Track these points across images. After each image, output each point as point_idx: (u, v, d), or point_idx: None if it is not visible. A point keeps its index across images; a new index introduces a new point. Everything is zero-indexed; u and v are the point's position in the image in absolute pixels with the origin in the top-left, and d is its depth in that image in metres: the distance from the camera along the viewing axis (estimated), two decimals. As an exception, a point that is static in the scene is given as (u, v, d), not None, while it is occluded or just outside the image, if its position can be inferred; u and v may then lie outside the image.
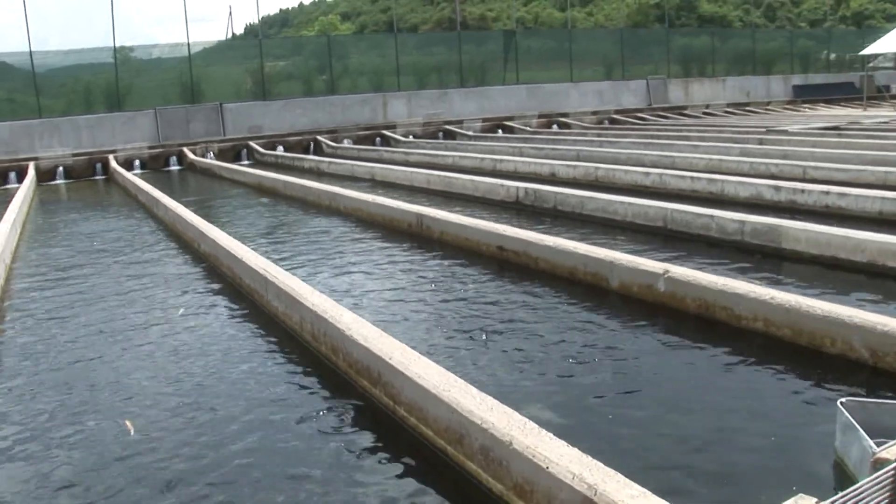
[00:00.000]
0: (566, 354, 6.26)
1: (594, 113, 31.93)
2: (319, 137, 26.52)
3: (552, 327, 6.94)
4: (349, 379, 5.81)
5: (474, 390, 4.59)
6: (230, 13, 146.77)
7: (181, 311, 8.16)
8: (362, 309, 7.61)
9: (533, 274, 8.75)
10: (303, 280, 7.66)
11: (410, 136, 27.16)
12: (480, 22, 68.20)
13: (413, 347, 5.56)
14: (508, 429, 4.05)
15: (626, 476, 3.54)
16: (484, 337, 6.75)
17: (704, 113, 33.50)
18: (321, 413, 5.39)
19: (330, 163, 21.21)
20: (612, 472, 3.58)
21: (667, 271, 7.20)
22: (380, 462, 4.67)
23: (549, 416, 5.09)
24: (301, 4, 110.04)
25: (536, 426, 4.07)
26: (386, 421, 5.15)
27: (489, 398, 4.46)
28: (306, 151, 25.70)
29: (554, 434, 3.99)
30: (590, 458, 3.72)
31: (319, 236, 11.87)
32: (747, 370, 5.83)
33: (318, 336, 6.45)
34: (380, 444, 4.90)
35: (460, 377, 4.85)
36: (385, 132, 27.53)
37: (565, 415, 5.15)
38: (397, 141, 26.51)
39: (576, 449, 3.81)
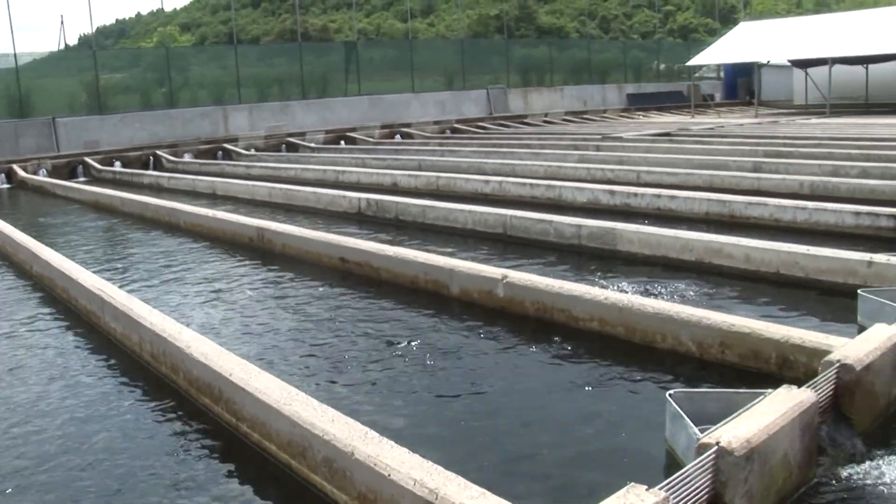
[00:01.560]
0: (408, 362, 6.31)
1: (436, 123, 32.23)
2: (159, 152, 25.77)
3: (395, 336, 6.98)
4: (190, 397, 5.70)
5: (315, 402, 4.59)
6: (62, 22, 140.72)
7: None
8: (204, 326, 7.48)
9: (376, 284, 8.78)
10: (141, 300, 7.46)
11: (252, 150, 26.75)
12: (322, 33, 67.92)
13: (256, 363, 5.51)
14: (350, 439, 4.06)
15: (466, 478, 3.62)
16: (335, 350, 6.74)
17: (544, 121, 34.30)
18: (161, 434, 5.26)
19: (170, 178, 20.68)
20: (452, 475, 3.65)
21: (505, 276, 7.35)
22: (223, 480, 4.60)
23: (394, 422, 5.14)
24: (139, 15, 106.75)
25: (378, 435, 4.10)
26: (229, 438, 5.08)
27: (330, 410, 4.47)
28: (146, 167, 24.92)
29: (398, 441, 4.05)
30: (430, 463, 3.77)
31: (159, 254, 11.56)
32: (584, 368, 6.02)
33: (157, 356, 6.30)
34: (223, 462, 4.83)
35: (303, 391, 4.85)
36: (227, 146, 27.01)
37: (411, 422, 5.21)
38: (239, 154, 26.07)
39: (417, 455, 3.87)
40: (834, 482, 4.19)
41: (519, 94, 38.47)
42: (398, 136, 30.20)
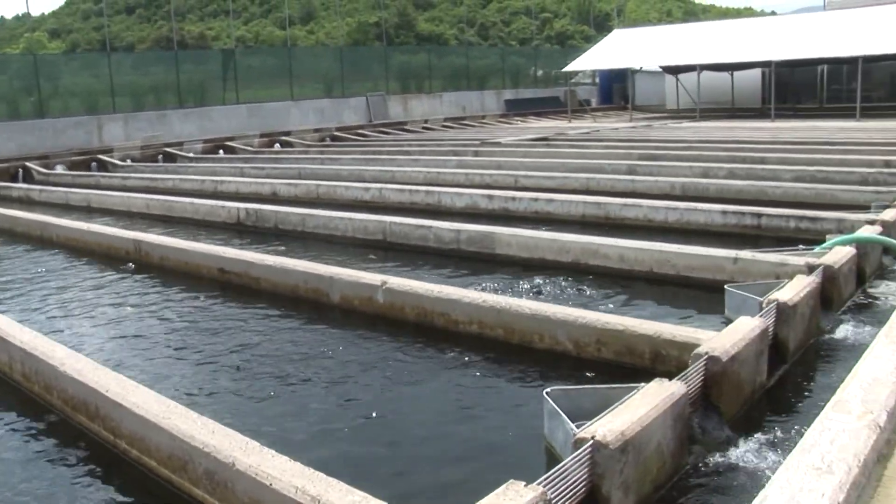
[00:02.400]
0: (289, 372, 6.27)
1: (316, 130, 32.01)
2: (29, 164, 24.81)
3: (275, 346, 6.93)
4: (66, 416, 5.53)
5: (195, 415, 4.52)
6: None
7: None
8: (79, 343, 7.26)
9: (256, 294, 8.69)
10: (11, 318, 7.20)
11: (129, 160, 26.04)
12: (200, 41, 66.87)
13: (134, 378, 5.39)
14: (231, 450, 4.02)
15: (348, 483, 3.63)
16: (232, 365, 6.64)
17: (424, 127, 34.44)
18: (35, 457, 5.10)
19: (41, 190, 19.98)
20: (334, 481, 3.66)
21: (385, 283, 7.38)
22: (102, 501, 4.48)
23: (275, 430, 5.10)
24: (3, 19, 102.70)
25: (259, 445, 4.08)
26: (107, 456, 4.95)
27: (211, 422, 4.41)
28: (14, 179, 23.96)
29: (280, 450, 4.03)
30: (312, 470, 3.77)
31: (30, 269, 11.16)
32: (464, 371, 6.09)
33: (29, 375, 6.09)
34: (102, 482, 4.70)
35: (183, 404, 4.76)
36: (101, 157, 26.20)
37: (292, 430, 5.19)
38: (115, 165, 25.35)
39: (298, 463, 3.86)
40: (705, 468, 4.36)
41: (398, 101, 38.54)
42: (278, 144, 29.86)
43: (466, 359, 6.30)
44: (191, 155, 26.95)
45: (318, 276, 8.07)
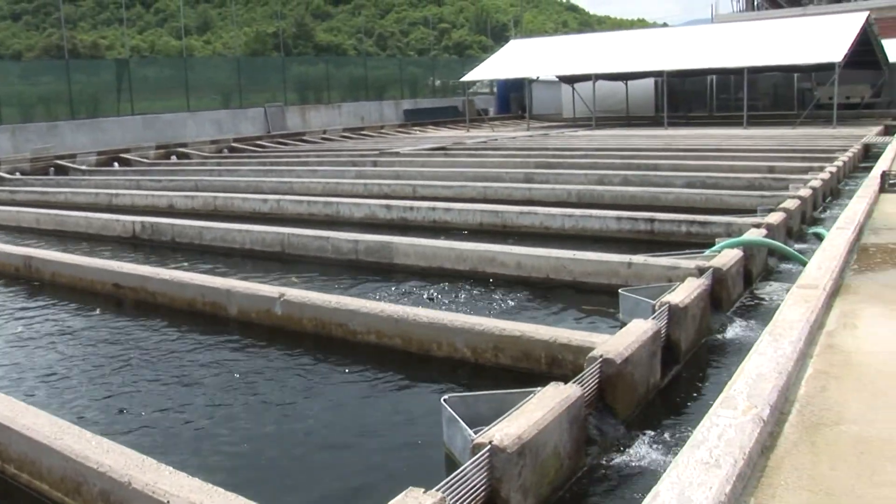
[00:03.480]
0: (187, 387, 6.19)
1: (213, 142, 31.56)
2: None
3: (172, 361, 6.81)
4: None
5: (89, 434, 4.42)
6: None
7: None
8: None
9: (153, 309, 8.52)
10: None
11: (18, 174, 25.25)
12: (93, 50, 65.30)
13: (25, 399, 5.24)
14: (126, 469, 3.95)
15: (246, 497, 3.61)
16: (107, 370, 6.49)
17: (322, 138, 34.29)
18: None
19: (-78, 207, 19.23)
20: (232, 496, 3.63)
21: (282, 295, 7.34)
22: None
23: (174, 447, 5.03)
24: None
25: (155, 462, 4.01)
26: (-6, 482, 4.79)
27: (105, 440, 4.32)
28: None
29: (178, 467, 3.97)
30: (210, 485, 3.74)
31: None
32: (363, 381, 6.10)
33: None
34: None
35: (77, 425, 4.65)
36: (-13, 170, 25.40)
37: (190, 446, 5.12)
38: (2, 179, 24.57)
39: (196, 479, 3.81)
40: (602, 468, 4.46)
41: (297, 112, 38.31)
42: (174, 156, 29.35)
43: (365, 369, 6.31)
44: (84, 167, 26.26)
45: (215, 290, 7.96)
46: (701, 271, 7.20)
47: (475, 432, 4.08)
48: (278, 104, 37.46)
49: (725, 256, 7.55)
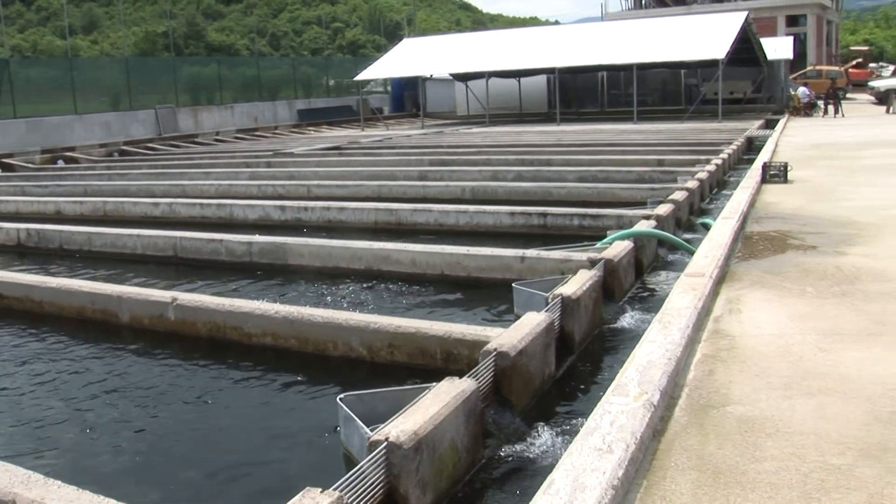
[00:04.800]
0: (77, 397, 6.03)
1: (102, 145, 30.73)
2: None
3: (60, 373, 6.61)
4: None
5: (-30, 450, 4.27)
6: None
7: None
8: None
9: (39, 319, 8.24)
10: None
11: None
12: (-32, 52, 62.87)
13: None
14: (11, 486, 3.82)
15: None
16: None
17: (215, 140, 33.73)
18: None
19: None
20: (123, 505, 3.55)
21: (175, 299, 7.20)
22: None
23: (63, 460, 4.90)
24: None
25: (42, 477, 3.89)
26: None
27: (-15, 458, 4.18)
28: None
29: (67, 480, 3.86)
30: (102, 497, 3.66)
31: None
32: (260, 384, 6.04)
33: None
34: None
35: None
36: None
37: (83, 457, 4.99)
38: None
39: (87, 492, 3.72)
40: (500, 460, 4.51)
41: (189, 114, 37.58)
42: (61, 160, 28.49)
43: (262, 372, 6.25)
44: (-37, 175, 25.28)
45: (105, 297, 7.76)
46: (593, 263, 7.34)
47: (372, 430, 4.07)
48: (169, 106, 36.70)
49: (616, 248, 7.70)
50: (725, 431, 3.82)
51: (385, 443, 3.77)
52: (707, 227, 9.19)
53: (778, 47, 38.33)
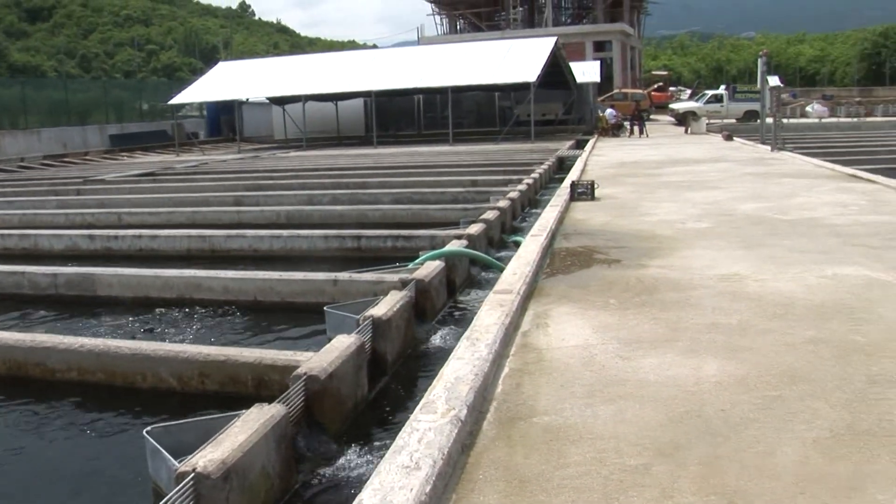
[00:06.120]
0: None
1: None
2: None
3: None
4: None
5: None
6: None
7: None
8: None
9: None
10: None
11: None
12: None
13: None
14: None
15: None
16: None
17: (20, 166, 32.12)
18: None
19: None
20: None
21: (-30, 336, 6.81)
22: None
23: None
24: None
25: None
26: None
27: None
28: None
29: None
30: None
31: None
32: (65, 421, 5.80)
33: None
34: None
35: None
36: None
37: None
38: None
39: None
40: (315, 484, 4.51)
41: (-10, 139, 35.68)
42: None
43: (67, 409, 5.99)
44: None
45: None
46: (404, 284, 7.42)
47: (179, 461, 3.99)
48: (-33, 131, 34.72)
49: (427, 268, 7.82)
50: (532, 441, 3.94)
51: (193, 473, 3.70)
52: (518, 245, 9.44)
53: (586, 71, 40.09)
